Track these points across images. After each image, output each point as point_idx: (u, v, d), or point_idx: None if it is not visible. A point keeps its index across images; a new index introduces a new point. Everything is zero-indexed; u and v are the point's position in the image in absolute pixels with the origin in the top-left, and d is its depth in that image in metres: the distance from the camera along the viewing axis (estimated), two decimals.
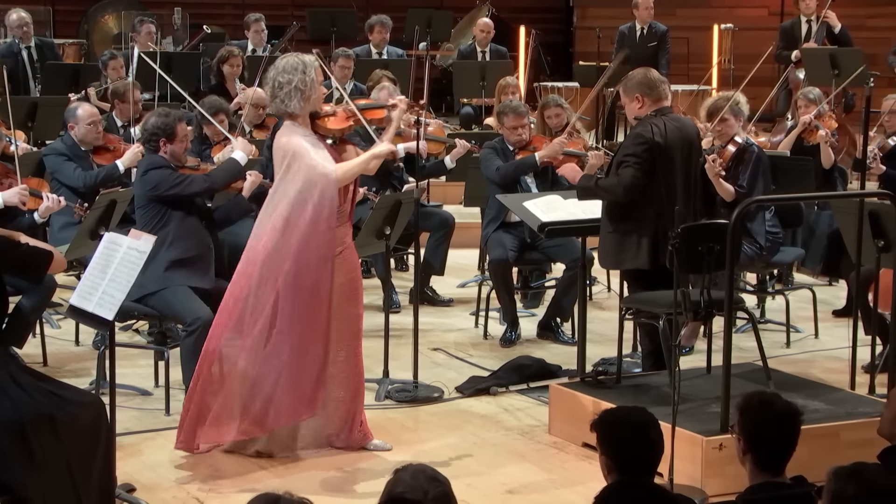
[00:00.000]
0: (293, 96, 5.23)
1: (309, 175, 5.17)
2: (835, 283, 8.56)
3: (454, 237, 8.24)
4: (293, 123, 5.29)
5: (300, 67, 5.25)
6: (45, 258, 4.58)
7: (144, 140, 6.16)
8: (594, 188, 5.94)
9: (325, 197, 5.17)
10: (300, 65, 5.26)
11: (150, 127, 6.12)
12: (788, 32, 11.93)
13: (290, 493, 2.96)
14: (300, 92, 5.23)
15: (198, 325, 5.82)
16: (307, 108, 5.29)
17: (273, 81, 5.27)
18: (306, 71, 5.25)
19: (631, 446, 3.63)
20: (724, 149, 7.05)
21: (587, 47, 14.54)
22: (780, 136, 9.18)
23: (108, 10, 14.53)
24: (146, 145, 6.16)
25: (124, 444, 5.46)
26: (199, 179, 6.09)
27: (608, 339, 7.04)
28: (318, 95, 5.33)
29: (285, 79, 5.24)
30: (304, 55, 5.39)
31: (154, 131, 6.08)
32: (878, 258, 5.94)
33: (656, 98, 5.93)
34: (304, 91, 5.24)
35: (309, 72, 5.25)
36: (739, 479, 3.91)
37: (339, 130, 5.44)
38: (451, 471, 5.07)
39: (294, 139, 5.23)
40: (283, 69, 5.26)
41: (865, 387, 6.01)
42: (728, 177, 6.83)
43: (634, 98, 5.94)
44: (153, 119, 6.13)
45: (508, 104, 7.84)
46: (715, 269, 5.34)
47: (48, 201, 6.49)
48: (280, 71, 5.26)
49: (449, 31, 14.16)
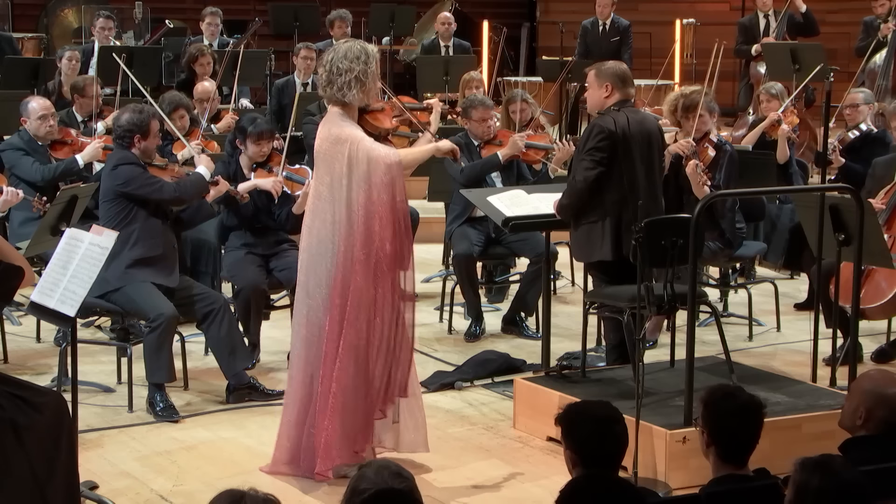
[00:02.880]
0: (353, 86, 4.95)
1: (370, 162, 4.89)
2: (796, 277, 8.63)
3: (418, 232, 8.22)
4: (342, 113, 5.01)
5: (363, 57, 4.97)
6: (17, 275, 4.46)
7: (117, 136, 6.12)
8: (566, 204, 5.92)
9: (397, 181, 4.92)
10: (363, 54, 4.98)
11: (124, 123, 6.08)
12: (747, 28, 12.01)
13: (254, 490, 2.94)
14: (361, 83, 4.96)
15: (161, 322, 5.80)
16: (363, 100, 5.03)
17: (332, 66, 4.97)
18: (368, 62, 4.97)
19: (595, 440, 3.64)
20: (704, 150, 7.06)
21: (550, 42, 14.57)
22: (742, 131, 9.24)
23: (68, 5, 14.40)
24: (118, 141, 6.13)
25: (87, 441, 5.43)
26: (169, 188, 6.07)
27: (572, 334, 7.06)
28: (376, 89, 5.09)
29: (346, 66, 4.95)
30: (367, 44, 5.09)
31: (129, 128, 6.05)
32: (839, 252, 5.98)
33: (624, 93, 5.95)
34: (364, 83, 4.96)
35: (371, 63, 4.98)
36: (703, 471, 3.93)
37: (385, 129, 5.20)
38: (415, 466, 5.09)
39: (346, 130, 4.95)
40: (344, 55, 4.97)
41: (826, 379, 6.06)
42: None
43: (604, 86, 5.93)
44: (127, 115, 6.10)
45: (474, 98, 7.85)
46: (678, 263, 5.37)
47: (6, 195, 6.45)
48: (341, 57, 4.97)
49: (412, 26, 14.15)
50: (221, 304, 6.12)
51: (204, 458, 5.38)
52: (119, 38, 11.80)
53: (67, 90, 9.15)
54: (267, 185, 6.65)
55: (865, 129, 8.32)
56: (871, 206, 6.12)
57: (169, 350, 5.89)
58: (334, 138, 4.97)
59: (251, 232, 6.72)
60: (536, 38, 16.41)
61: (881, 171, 7.21)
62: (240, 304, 6.56)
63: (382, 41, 13.34)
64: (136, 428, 5.70)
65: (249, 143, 6.70)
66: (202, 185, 6.26)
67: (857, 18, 12.01)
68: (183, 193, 6.14)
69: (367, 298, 4.93)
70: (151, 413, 5.89)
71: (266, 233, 6.74)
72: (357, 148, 4.92)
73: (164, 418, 5.83)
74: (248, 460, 5.33)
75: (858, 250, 5.66)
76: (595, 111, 6.06)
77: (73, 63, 9.80)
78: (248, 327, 6.52)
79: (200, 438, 5.63)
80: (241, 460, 5.34)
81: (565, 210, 5.93)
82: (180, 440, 5.60)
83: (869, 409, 3.95)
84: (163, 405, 5.88)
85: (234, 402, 6.09)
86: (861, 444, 3.93)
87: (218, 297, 6.21)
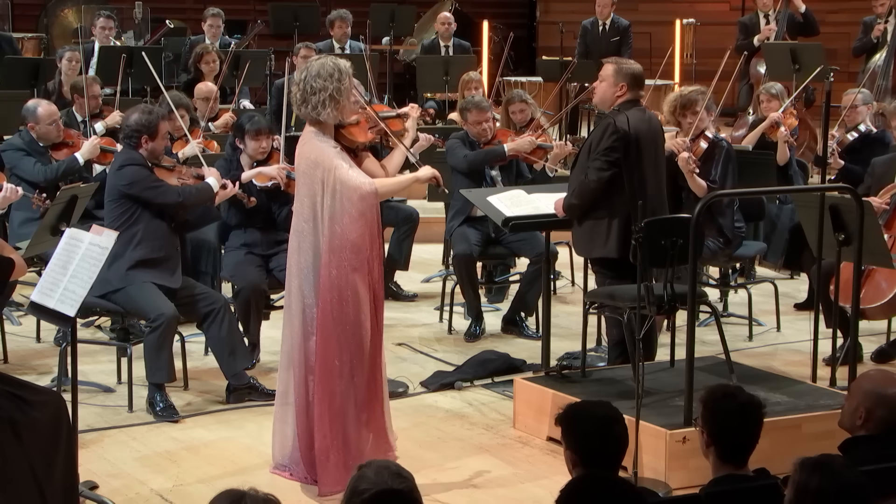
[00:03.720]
0: (327, 105, 4.91)
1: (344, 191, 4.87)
2: (796, 277, 8.63)
3: (418, 232, 8.24)
4: (317, 132, 4.98)
5: (336, 75, 4.92)
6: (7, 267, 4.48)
7: (125, 136, 6.13)
8: (575, 203, 5.90)
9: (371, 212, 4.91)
10: (336, 72, 4.93)
11: (132, 123, 6.08)
12: (748, 27, 12.01)
13: (255, 490, 2.94)
14: (335, 101, 4.91)
15: (162, 322, 5.80)
16: (338, 118, 4.98)
17: (305, 85, 4.93)
18: (341, 79, 4.92)
19: (596, 440, 3.64)
20: (696, 144, 7.08)
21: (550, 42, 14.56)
22: (741, 131, 9.25)
23: (68, 5, 14.39)
24: (126, 140, 6.14)
25: (86, 441, 5.43)
26: (173, 193, 6.08)
27: (572, 334, 7.06)
28: (350, 105, 5.03)
29: (319, 85, 4.91)
30: (339, 60, 5.03)
31: (137, 128, 6.06)
32: (839, 252, 5.98)
33: (636, 94, 5.96)
34: (338, 101, 4.92)
35: (344, 80, 4.93)
36: (703, 471, 3.93)
37: (361, 143, 5.15)
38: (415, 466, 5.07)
39: (322, 153, 4.92)
40: (317, 73, 4.92)
41: (826, 379, 6.06)
42: (699, 172, 6.87)
43: (620, 85, 5.91)
44: (136, 115, 6.10)
45: (471, 100, 7.85)
46: (678, 262, 5.37)
47: (5, 191, 6.45)
48: (314, 75, 4.92)
49: (412, 26, 14.15)
50: (221, 304, 6.12)
51: (204, 458, 5.38)
52: (119, 38, 11.79)
53: (67, 90, 9.15)
54: (272, 171, 6.63)
55: (865, 129, 8.32)
56: (871, 207, 6.12)
57: (169, 350, 5.89)
58: (312, 162, 4.95)
59: (251, 232, 6.72)
60: (536, 38, 16.41)
61: (880, 169, 7.21)
62: (240, 304, 6.56)
63: (382, 41, 13.34)
64: (136, 428, 5.71)
65: (248, 139, 6.70)
66: (208, 194, 6.25)
67: (857, 18, 12.02)
68: (186, 200, 6.13)
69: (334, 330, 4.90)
70: (151, 413, 5.89)
71: (266, 233, 6.74)
72: (333, 176, 4.89)
73: (164, 418, 5.84)
74: (248, 460, 5.33)
75: (858, 250, 5.66)
76: (603, 106, 6.06)
77: (73, 63, 9.79)
78: (248, 327, 6.52)
79: (200, 438, 5.63)
80: (241, 460, 5.34)
81: (573, 210, 5.91)
82: (180, 440, 5.60)
83: (869, 409, 3.95)
84: (163, 405, 5.88)
85: (234, 402, 6.09)
86: (861, 444, 3.93)
87: (218, 298, 6.21)
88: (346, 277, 4.89)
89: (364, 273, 4.93)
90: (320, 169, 4.91)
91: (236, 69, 10.26)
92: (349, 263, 4.89)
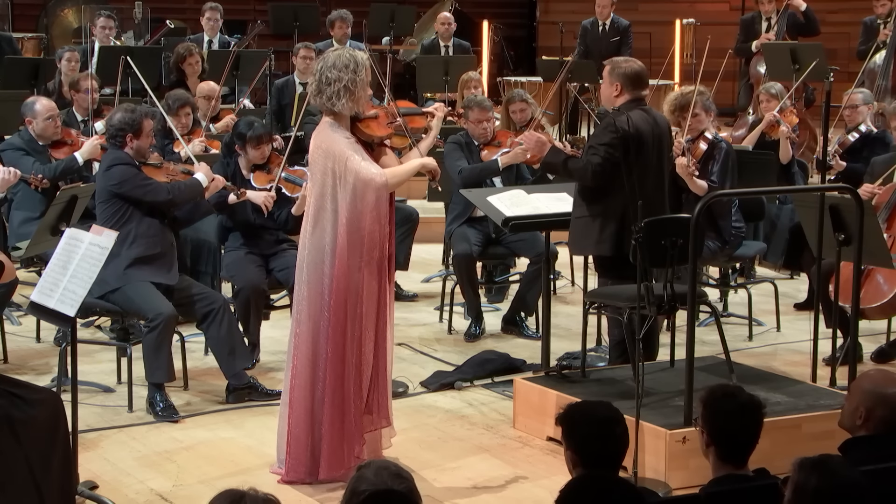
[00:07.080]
0: (342, 96, 4.92)
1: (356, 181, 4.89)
2: (796, 277, 8.63)
3: (418, 232, 8.24)
4: (334, 123, 4.99)
5: (351, 66, 4.94)
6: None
7: (110, 136, 6.13)
8: (561, 165, 5.94)
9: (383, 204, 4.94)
10: (351, 62, 4.95)
11: (116, 122, 6.08)
12: (749, 26, 12.00)
13: (254, 490, 2.94)
14: (350, 92, 4.93)
15: (160, 321, 5.80)
16: (353, 109, 5.00)
17: (320, 76, 4.95)
18: (357, 70, 4.94)
19: (596, 441, 3.64)
20: (696, 145, 7.08)
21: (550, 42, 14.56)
22: (741, 131, 9.24)
23: (68, 4, 14.39)
24: (111, 140, 6.13)
25: (86, 441, 5.43)
26: (162, 190, 6.07)
27: (572, 334, 7.06)
28: (366, 97, 5.04)
29: (334, 75, 4.92)
30: (356, 52, 5.06)
31: (121, 126, 6.05)
32: (839, 251, 5.98)
33: (635, 93, 5.96)
34: (353, 92, 4.94)
35: (360, 71, 4.95)
36: (703, 471, 3.93)
37: (379, 137, 5.15)
38: (415, 466, 5.09)
39: (335, 144, 4.95)
40: (332, 64, 4.94)
41: (826, 379, 6.06)
42: (699, 173, 6.87)
43: (615, 85, 5.94)
44: (119, 115, 6.10)
45: (473, 98, 7.85)
46: (678, 262, 5.37)
47: (2, 173, 6.47)
48: (329, 66, 4.94)
49: (412, 26, 14.15)
50: (221, 303, 6.12)
51: (204, 458, 5.38)
52: (119, 38, 11.79)
53: (67, 90, 9.14)
54: (258, 199, 6.64)
55: (865, 129, 8.32)
56: (870, 207, 6.12)
57: (168, 350, 5.89)
58: (324, 152, 4.97)
59: (251, 232, 6.72)
60: (536, 38, 16.41)
61: (880, 169, 7.20)
62: (239, 304, 6.56)
63: (382, 41, 13.34)
64: (135, 428, 5.70)
65: (249, 147, 6.69)
66: (197, 189, 6.26)
67: (857, 18, 12.01)
68: (176, 196, 6.13)
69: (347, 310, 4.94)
70: (151, 413, 5.89)
71: (265, 233, 6.74)
72: (344, 168, 4.91)
73: (163, 418, 5.83)
74: (248, 460, 5.33)
75: (858, 250, 5.65)
76: (608, 106, 6.07)
77: (73, 63, 9.79)
78: (247, 327, 6.52)
79: (200, 438, 5.63)
80: (241, 460, 5.34)
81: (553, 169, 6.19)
82: (180, 440, 5.60)
83: (869, 409, 3.95)
84: (163, 405, 5.88)
85: (234, 402, 6.09)
86: (861, 444, 3.92)
87: (218, 297, 6.21)
88: (358, 269, 4.92)
89: (373, 265, 4.95)
90: (332, 159, 4.94)
91: (237, 69, 10.24)
92: (360, 255, 4.92)
